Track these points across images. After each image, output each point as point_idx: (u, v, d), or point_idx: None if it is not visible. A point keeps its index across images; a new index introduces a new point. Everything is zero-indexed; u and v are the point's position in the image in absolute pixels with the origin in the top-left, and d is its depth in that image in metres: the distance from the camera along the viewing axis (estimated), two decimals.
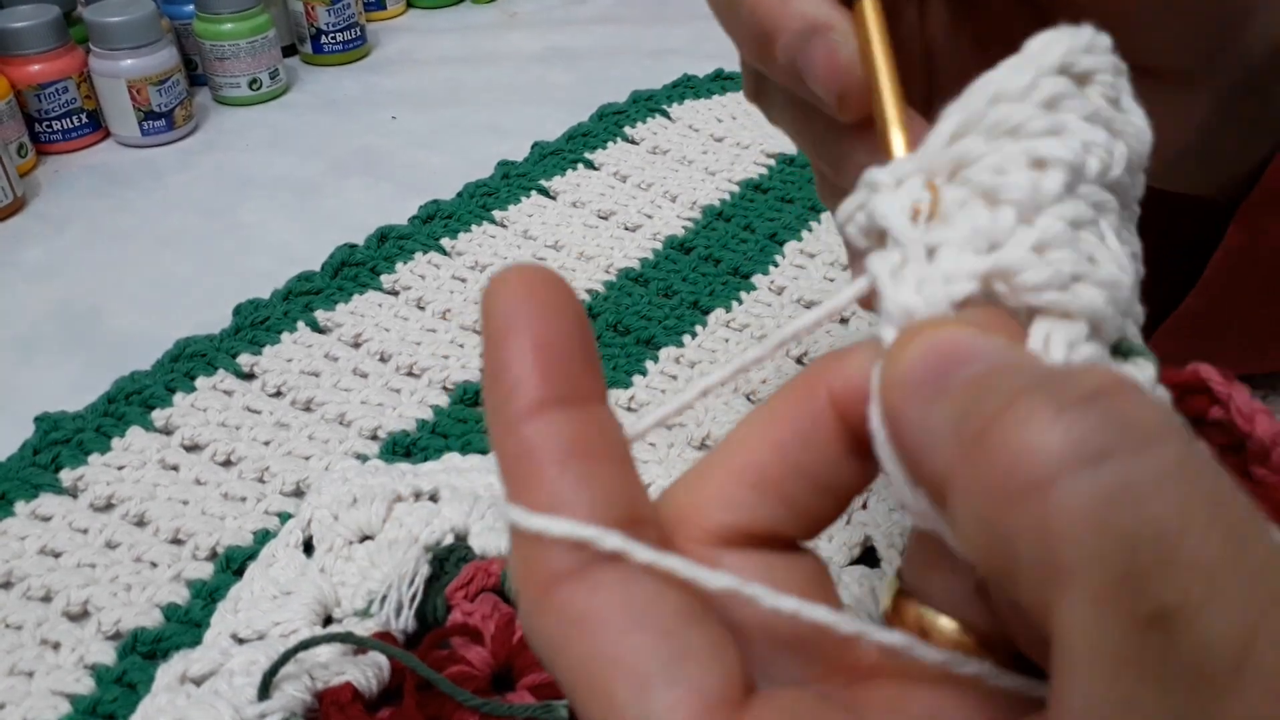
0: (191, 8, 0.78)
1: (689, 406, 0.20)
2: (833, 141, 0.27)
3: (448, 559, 0.42)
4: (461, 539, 0.43)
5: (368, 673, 0.37)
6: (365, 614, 0.40)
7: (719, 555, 0.18)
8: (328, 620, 0.41)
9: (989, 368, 0.15)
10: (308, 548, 0.43)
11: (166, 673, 0.38)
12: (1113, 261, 0.17)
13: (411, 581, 0.40)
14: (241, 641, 0.40)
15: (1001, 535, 0.13)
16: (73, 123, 0.74)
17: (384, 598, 0.40)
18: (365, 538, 0.43)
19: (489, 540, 0.42)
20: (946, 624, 0.17)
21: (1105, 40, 0.19)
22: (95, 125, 0.75)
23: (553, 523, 0.17)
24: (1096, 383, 0.13)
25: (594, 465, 0.17)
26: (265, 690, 0.36)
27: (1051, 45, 0.18)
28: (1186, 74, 0.27)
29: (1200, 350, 0.38)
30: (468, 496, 0.44)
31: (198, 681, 0.38)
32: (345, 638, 0.37)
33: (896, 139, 0.21)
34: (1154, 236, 0.40)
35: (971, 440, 0.14)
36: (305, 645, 0.37)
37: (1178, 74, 0.27)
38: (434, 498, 0.45)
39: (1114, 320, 0.17)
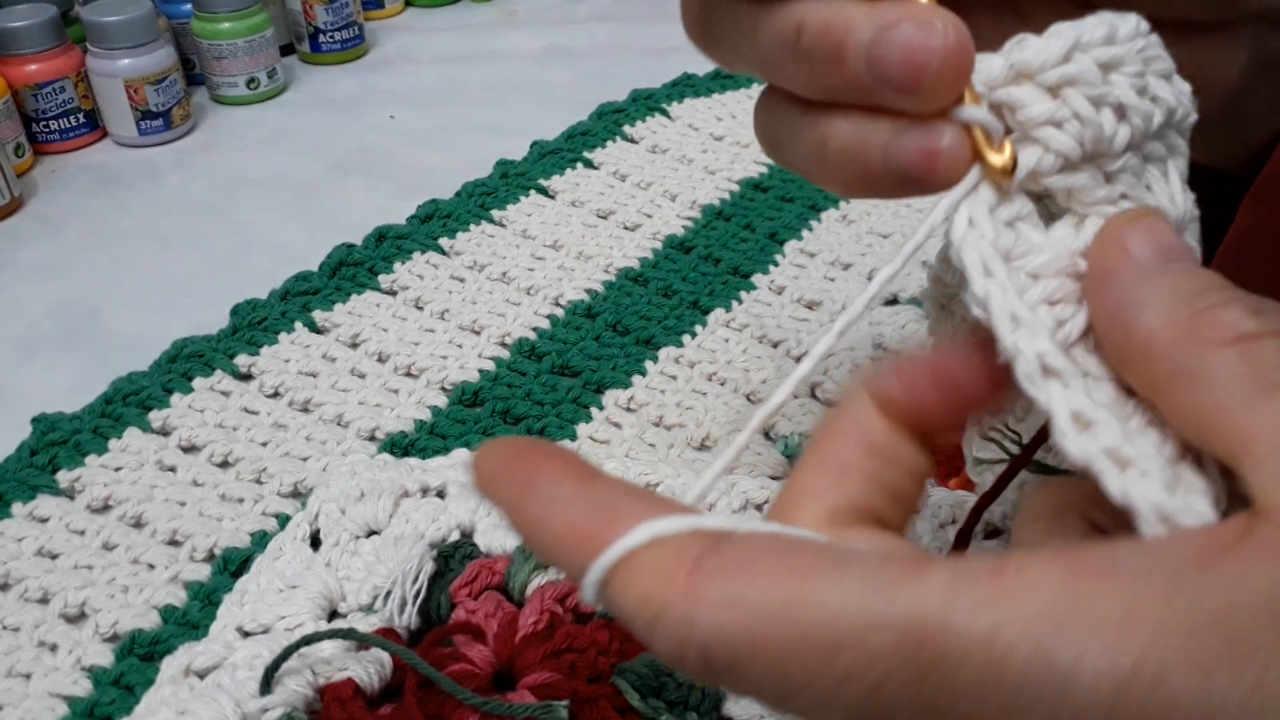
0: (189, 7, 0.78)
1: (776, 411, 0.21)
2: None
3: (453, 556, 0.41)
4: (467, 536, 0.43)
5: (370, 669, 0.37)
6: (370, 609, 0.40)
7: (845, 533, 0.19)
8: (333, 615, 0.41)
9: (1196, 268, 0.20)
10: (315, 542, 0.43)
11: (171, 665, 0.38)
12: (1165, 194, 0.22)
13: (416, 578, 0.40)
14: (246, 635, 0.40)
15: (1200, 370, 0.18)
16: (70, 122, 0.73)
17: (388, 594, 0.40)
18: (372, 533, 0.43)
19: (494, 538, 0.42)
20: None
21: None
22: (93, 125, 0.75)
23: (678, 521, 0.17)
24: (1275, 304, 0.18)
25: (654, 495, 0.19)
26: (267, 685, 0.36)
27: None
28: (1209, 23, 0.28)
29: None
30: (475, 493, 0.44)
31: (201, 674, 0.38)
32: (347, 634, 0.37)
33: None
34: None
35: (1195, 312, 0.18)
36: (307, 640, 0.37)
37: (1201, 24, 0.28)
38: (441, 494, 0.45)
39: None
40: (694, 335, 0.55)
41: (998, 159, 0.21)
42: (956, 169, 0.21)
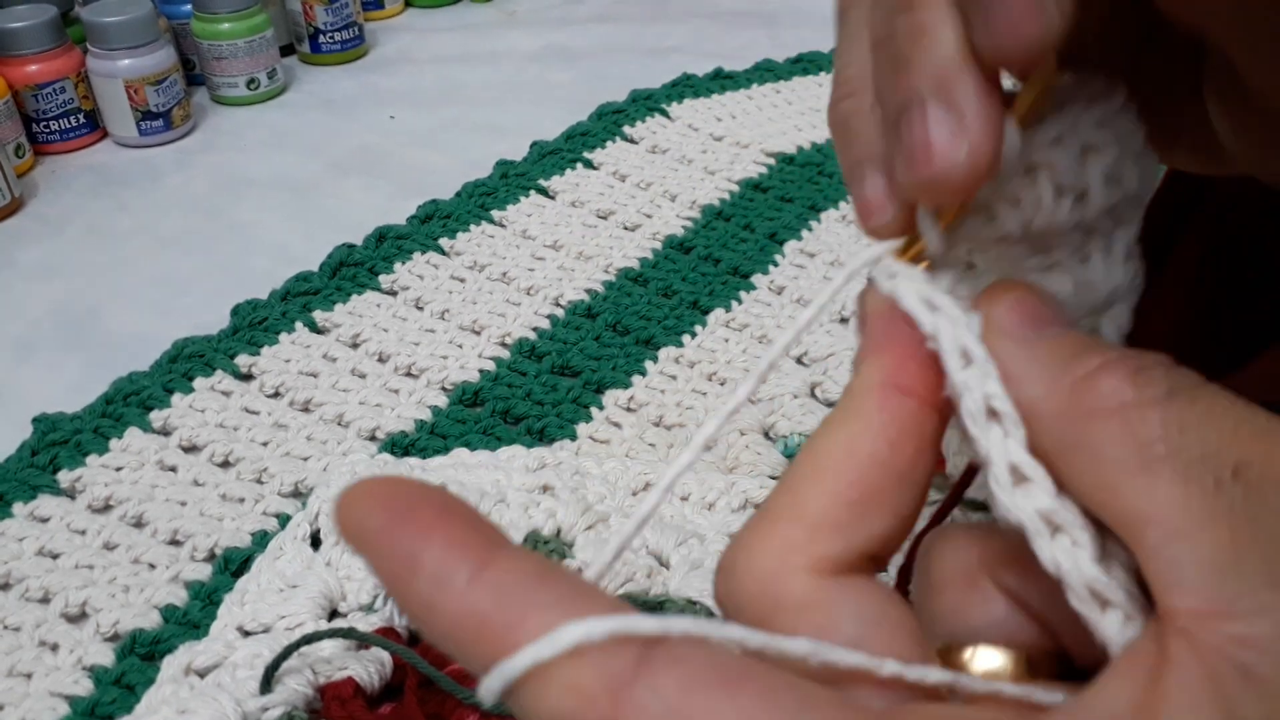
0: (189, 7, 0.78)
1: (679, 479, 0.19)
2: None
3: None
4: None
5: (370, 668, 0.37)
6: (370, 609, 0.40)
7: (843, 592, 0.18)
8: (333, 614, 0.41)
9: (1069, 331, 0.19)
10: (315, 541, 0.43)
11: (171, 664, 0.38)
12: (1100, 267, 0.21)
13: None
14: (247, 634, 0.40)
15: (1084, 445, 0.17)
16: (70, 123, 0.74)
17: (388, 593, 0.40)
18: None
19: None
20: (995, 659, 0.18)
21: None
22: (93, 125, 0.75)
23: (599, 624, 0.15)
24: (1159, 356, 0.18)
25: (570, 579, 0.16)
26: (268, 683, 0.36)
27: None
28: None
29: None
30: (474, 492, 0.44)
31: (202, 673, 0.38)
32: (347, 633, 0.37)
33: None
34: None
35: (1073, 381, 0.18)
36: (308, 640, 0.37)
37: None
38: None
39: (1075, 310, 0.20)
40: (694, 335, 0.55)
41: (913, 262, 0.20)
42: (879, 237, 0.21)
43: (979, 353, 0.18)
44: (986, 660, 0.18)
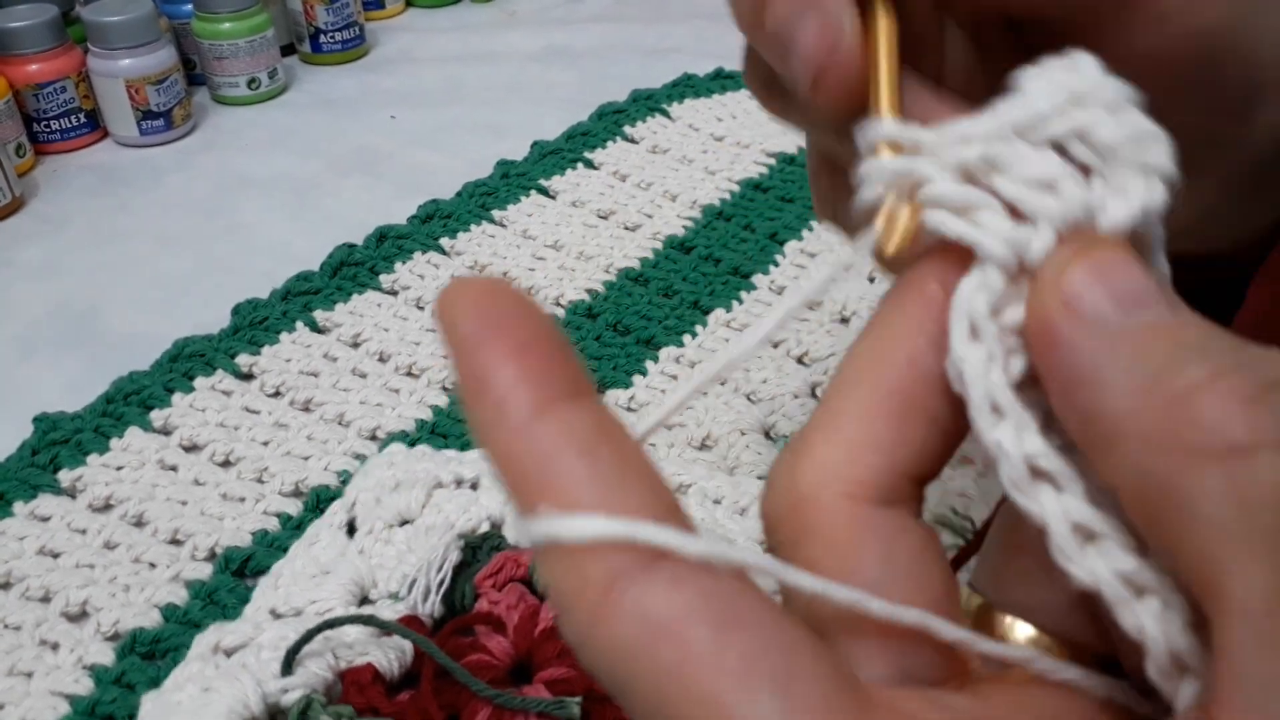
0: (190, 7, 0.78)
1: (685, 406, 0.18)
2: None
3: (480, 547, 0.42)
4: (496, 528, 0.43)
5: (390, 655, 0.38)
6: (397, 597, 0.41)
7: (865, 526, 0.16)
8: (363, 600, 0.41)
9: (1171, 320, 0.15)
10: (351, 529, 0.44)
11: (201, 642, 0.39)
12: None
13: (440, 567, 0.41)
14: (278, 617, 0.40)
15: (1175, 489, 0.14)
16: (71, 122, 0.74)
17: (414, 581, 0.40)
18: (405, 522, 0.44)
19: (523, 530, 0.42)
20: (1030, 633, 0.17)
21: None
22: (94, 125, 0.75)
23: (611, 524, 0.14)
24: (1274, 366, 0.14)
25: (623, 454, 0.15)
26: (289, 666, 0.37)
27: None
28: (1191, 160, 0.27)
29: None
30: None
31: (229, 653, 0.39)
32: (368, 620, 0.38)
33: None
34: None
35: (1169, 399, 0.14)
36: (329, 625, 0.37)
37: (1183, 159, 0.27)
38: (475, 485, 0.45)
39: None
40: (694, 335, 0.55)
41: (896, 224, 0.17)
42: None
43: (1009, 403, 0.16)
44: (1025, 634, 0.17)
